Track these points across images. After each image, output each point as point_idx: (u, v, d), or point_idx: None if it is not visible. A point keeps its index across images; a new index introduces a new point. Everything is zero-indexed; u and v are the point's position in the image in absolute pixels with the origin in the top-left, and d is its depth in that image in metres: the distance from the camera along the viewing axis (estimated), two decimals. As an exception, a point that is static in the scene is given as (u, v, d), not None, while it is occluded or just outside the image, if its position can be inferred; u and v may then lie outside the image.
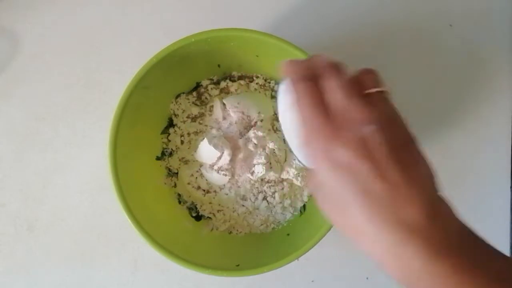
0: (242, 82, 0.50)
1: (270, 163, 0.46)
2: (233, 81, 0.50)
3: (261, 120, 0.47)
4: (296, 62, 0.31)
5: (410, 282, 0.27)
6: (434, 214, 0.27)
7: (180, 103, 0.49)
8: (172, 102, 0.49)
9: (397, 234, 0.26)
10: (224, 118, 0.48)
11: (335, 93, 0.29)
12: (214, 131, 0.48)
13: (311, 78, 0.30)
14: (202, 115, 0.49)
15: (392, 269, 0.28)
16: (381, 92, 0.30)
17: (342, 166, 0.27)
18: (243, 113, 0.46)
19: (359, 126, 0.28)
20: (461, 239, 0.27)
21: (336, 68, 0.30)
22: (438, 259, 0.26)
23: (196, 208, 0.49)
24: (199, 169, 0.48)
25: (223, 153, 0.45)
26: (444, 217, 0.28)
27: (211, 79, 0.50)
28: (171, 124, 0.50)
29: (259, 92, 0.49)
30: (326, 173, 0.28)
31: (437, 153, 0.52)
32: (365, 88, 0.30)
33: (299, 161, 0.36)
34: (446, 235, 0.27)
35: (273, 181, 0.48)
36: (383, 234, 0.27)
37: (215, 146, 0.45)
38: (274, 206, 0.48)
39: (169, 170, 0.50)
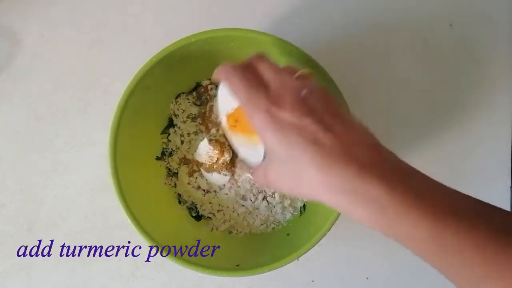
0: (242, 82, 0.49)
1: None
2: (233, 81, 0.50)
3: (261, 120, 0.47)
4: (227, 64, 0.34)
5: (376, 219, 0.28)
6: (379, 151, 0.30)
7: (180, 103, 0.49)
8: (172, 102, 0.49)
9: (352, 171, 0.28)
10: (224, 118, 0.48)
11: (269, 72, 0.33)
12: (214, 131, 0.48)
13: (244, 68, 0.33)
14: (202, 115, 0.49)
15: (356, 210, 0.28)
16: (306, 74, 0.34)
17: (288, 126, 0.29)
18: (243, 113, 0.46)
19: (295, 91, 0.31)
20: (407, 170, 0.30)
21: (261, 56, 0.34)
22: (393, 187, 0.28)
23: (196, 208, 0.49)
24: (199, 169, 0.48)
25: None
26: (389, 154, 0.30)
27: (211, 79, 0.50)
28: (171, 124, 0.50)
29: (259, 92, 0.49)
30: (273, 139, 0.30)
31: (437, 153, 0.52)
32: (292, 72, 0.33)
33: (243, 158, 0.37)
34: (395, 166, 0.29)
35: (273, 181, 0.48)
36: (339, 177, 0.28)
37: (215, 146, 0.45)
38: (274, 206, 0.48)
39: (169, 170, 0.50)
